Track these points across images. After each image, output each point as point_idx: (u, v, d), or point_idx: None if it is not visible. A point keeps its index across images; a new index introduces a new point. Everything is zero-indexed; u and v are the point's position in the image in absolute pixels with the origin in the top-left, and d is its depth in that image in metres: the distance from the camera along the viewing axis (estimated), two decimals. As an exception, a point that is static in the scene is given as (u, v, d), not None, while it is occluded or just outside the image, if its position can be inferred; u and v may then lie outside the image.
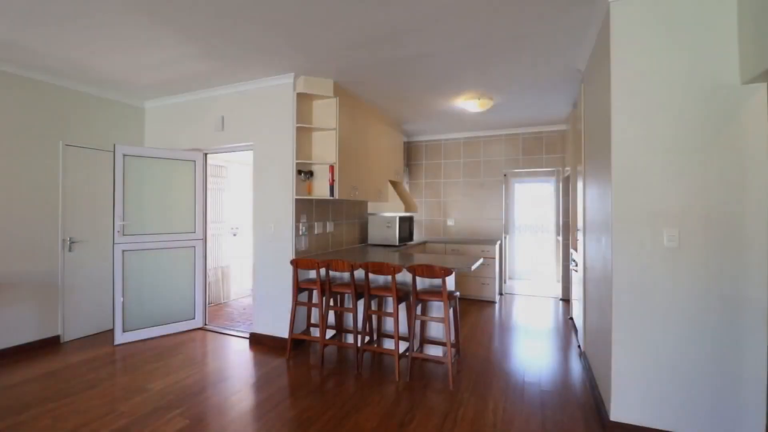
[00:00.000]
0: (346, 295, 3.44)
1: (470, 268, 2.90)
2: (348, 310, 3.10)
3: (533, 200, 7.14)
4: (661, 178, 2.01)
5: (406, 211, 4.99)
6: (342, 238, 4.36)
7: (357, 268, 2.99)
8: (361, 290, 3.07)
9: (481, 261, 3.29)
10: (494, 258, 5.17)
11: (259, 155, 3.63)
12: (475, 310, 4.82)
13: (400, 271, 2.84)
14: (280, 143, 3.51)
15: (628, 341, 2.07)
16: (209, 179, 5.05)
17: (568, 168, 4.86)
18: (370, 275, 3.16)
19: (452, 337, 3.12)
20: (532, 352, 3.43)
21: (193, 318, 4.03)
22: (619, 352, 2.09)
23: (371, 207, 5.00)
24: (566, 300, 5.30)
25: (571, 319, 4.41)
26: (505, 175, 7.14)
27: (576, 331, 3.91)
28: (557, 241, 6.79)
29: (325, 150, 3.63)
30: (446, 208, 6.02)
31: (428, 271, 2.76)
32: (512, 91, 3.86)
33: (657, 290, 2.01)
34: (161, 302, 3.83)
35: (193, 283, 4.03)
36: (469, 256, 5.29)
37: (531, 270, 7.14)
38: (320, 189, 3.64)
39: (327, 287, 3.13)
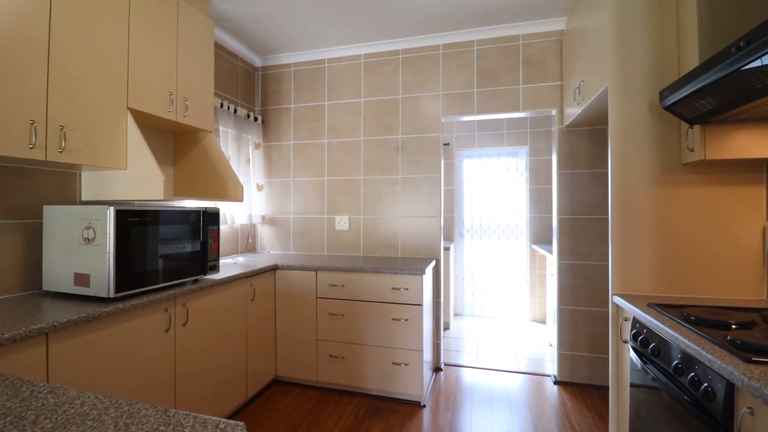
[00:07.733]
0: None
1: None
2: None
3: (502, 181, 4.44)
4: None
5: (182, 194, 1.95)
6: None
7: None
8: None
9: None
10: (421, 304, 2.31)
11: None
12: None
13: None
14: None
15: None
16: None
17: (573, 108, 2.13)
18: None
19: None
20: None
21: None
22: None
23: (91, 186, 1.87)
24: (565, 384, 2.56)
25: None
26: (447, 144, 4.36)
27: None
28: (531, 253, 4.08)
29: None
30: (333, 197, 3.08)
31: None
32: None
33: None
34: None
35: None
36: (361, 309, 2.40)
37: (493, 300, 4.43)
38: None
39: None
